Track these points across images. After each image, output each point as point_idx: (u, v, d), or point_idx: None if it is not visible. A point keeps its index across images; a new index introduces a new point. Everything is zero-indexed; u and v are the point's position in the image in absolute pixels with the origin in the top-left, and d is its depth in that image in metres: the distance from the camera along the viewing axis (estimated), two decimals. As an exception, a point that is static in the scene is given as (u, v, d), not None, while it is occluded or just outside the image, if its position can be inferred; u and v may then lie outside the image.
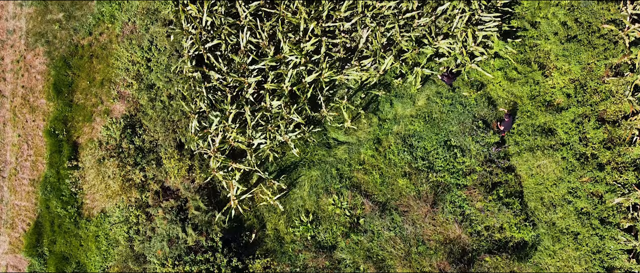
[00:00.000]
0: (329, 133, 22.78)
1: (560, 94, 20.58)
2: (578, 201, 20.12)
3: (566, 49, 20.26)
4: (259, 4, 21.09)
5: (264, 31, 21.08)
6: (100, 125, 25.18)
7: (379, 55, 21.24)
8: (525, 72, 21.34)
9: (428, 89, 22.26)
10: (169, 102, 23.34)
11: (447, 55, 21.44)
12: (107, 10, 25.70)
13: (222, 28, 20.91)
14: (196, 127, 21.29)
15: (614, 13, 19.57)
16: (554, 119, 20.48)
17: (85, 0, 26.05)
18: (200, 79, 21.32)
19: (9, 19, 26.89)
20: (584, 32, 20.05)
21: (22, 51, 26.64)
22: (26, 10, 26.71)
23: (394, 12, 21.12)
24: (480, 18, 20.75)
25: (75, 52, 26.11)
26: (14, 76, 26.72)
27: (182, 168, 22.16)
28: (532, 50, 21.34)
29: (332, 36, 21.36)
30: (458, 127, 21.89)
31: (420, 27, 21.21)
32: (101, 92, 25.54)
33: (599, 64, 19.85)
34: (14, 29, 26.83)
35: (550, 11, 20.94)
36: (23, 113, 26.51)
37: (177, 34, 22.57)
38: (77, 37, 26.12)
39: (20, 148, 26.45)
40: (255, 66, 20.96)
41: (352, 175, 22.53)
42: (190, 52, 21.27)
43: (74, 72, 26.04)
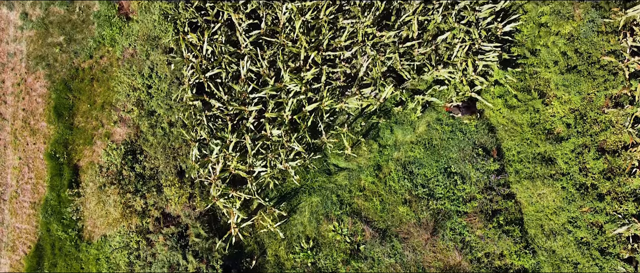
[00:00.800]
0: (329, 159, 22.81)
1: (560, 123, 20.61)
2: (578, 231, 20.16)
3: (566, 79, 20.30)
4: (260, 33, 21.11)
5: (265, 60, 21.11)
6: (100, 148, 25.21)
7: (379, 83, 21.27)
8: (525, 100, 21.37)
9: (428, 115, 22.29)
10: (170, 129, 23.36)
11: (447, 84, 21.47)
12: (108, 34, 25.72)
13: (223, 57, 20.93)
14: (197, 155, 21.33)
15: (613, 44, 19.60)
16: (554, 148, 20.52)
17: (86, 23, 26.08)
18: (201, 108, 21.35)
19: (10, 42, 26.92)
20: (583, 63, 20.08)
21: (22, 74, 26.67)
22: (27, 33, 26.74)
23: (394, 41, 21.15)
24: (480, 47, 20.78)
25: (76, 75, 26.13)
26: (15, 99, 26.75)
27: (182, 196, 22.20)
28: (532, 78, 21.37)
29: (333, 64, 21.40)
30: (458, 154, 21.93)
31: (421, 55, 21.23)
32: (102, 115, 25.57)
33: (599, 94, 19.89)
34: (14, 52, 26.86)
35: (550, 40, 20.97)
36: (24, 136, 26.53)
37: (178, 62, 22.60)
38: (78, 60, 26.15)
39: (21, 171, 26.48)
40: (256, 95, 20.99)
41: (353, 202, 22.56)
42: (190, 81, 21.30)
43: (74, 95, 26.06)
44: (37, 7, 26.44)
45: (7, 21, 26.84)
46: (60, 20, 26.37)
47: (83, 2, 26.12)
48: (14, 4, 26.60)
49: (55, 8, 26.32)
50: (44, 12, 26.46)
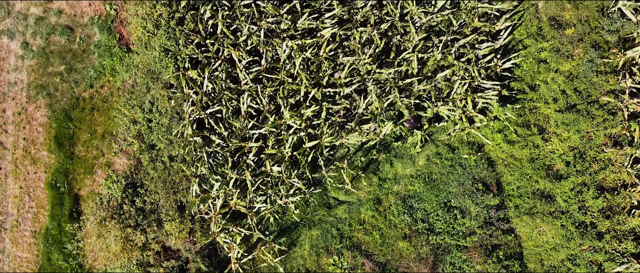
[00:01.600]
0: (329, 192, 22.86)
1: (559, 161, 20.67)
2: (577, 268, 20.21)
3: (565, 118, 20.35)
4: (260, 69, 21.17)
5: (265, 96, 21.17)
6: (101, 177, 25.28)
7: (379, 119, 21.32)
8: (524, 135, 21.43)
9: (428, 149, 22.35)
10: (170, 163, 23.43)
11: (447, 120, 21.53)
12: (108, 64, 25.77)
13: (223, 93, 21.00)
14: (197, 190, 21.40)
15: (613, 84, 19.66)
16: (553, 186, 20.57)
17: (87, 53, 26.13)
18: (201, 144, 21.42)
19: (11, 71, 26.98)
20: (583, 102, 20.15)
21: (23, 103, 26.72)
22: (28, 62, 26.79)
23: (393, 77, 21.21)
24: (480, 84, 20.83)
25: (77, 104, 26.19)
26: (16, 128, 26.81)
27: (183, 231, 22.26)
28: (532, 113, 21.43)
29: (333, 101, 21.46)
30: (458, 189, 21.99)
31: (421, 92, 21.28)
32: (102, 144, 25.63)
33: (598, 133, 19.95)
34: (15, 81, 26.91)
35: (549, 76, 21.03)
36: (25, 165, 26.60)
37: (178, 98, 22.66)
38: (79, 89, 26.20)
39: (21, 200, 26.55)
40: (256, 131, 21.05)
41: (353, 235, 22.62)
42: (191, 117, 21.36)
43: (75, 125, 26.12)
44: (37, 36, 26.49)
45: (8, 50, 26.90)
46: (61, 49, 26.42)
47: (83, 32, 26.17)
48: (15, 33, 26.66)
49: (56, 38, 26.37)
50: (44, 42, 26.52)
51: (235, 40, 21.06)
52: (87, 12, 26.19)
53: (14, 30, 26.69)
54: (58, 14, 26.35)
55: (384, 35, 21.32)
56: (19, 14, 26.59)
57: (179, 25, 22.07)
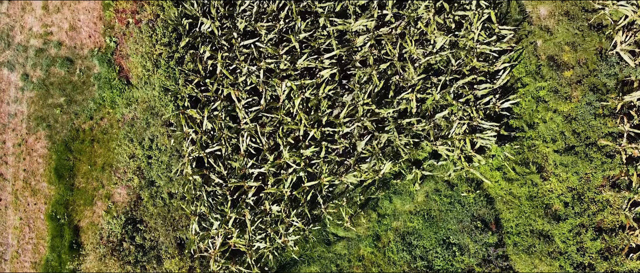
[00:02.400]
0: (328, 228, 22.92)
1: (558, 201, 20.73)
2: (576, 309, 20.31)
3: (564, 160, 20.43)
4: (259, 109, 21.24)
5: (264, 136, 21.24)
6: (101, 209, 25.35)
7: (377, 157, 21.38)
8: (523, 173, 21.50)
9: (427, 185, 22.41)
10: (170, 200, 23.50)
11: (446, 158, 21.60)
12: (108, 96, 25.84)
13: (222, 133, 21.07)
14: (196, 229, 21.46)
15: (611, 127, 19.72)
16: (552, 227, 20.64)
17: (87, 85, 26.20)
18: (201, 183, 21.48)
19: (11, 103, 27.05)
20: (581, 144, 20.22)
21: (23, 135, 26.79)
22: (28, 94, 26.85)
23: (393, 116, 21.27)
24: (478, 124, 20.89)
25: (77, 136, 26.25)
26: (16, 159, 26.88)
27: (182, 268, 22.33)
28: (531, 151, 21.50)
29: (332, 140, 21.52)
30: (457, 226, 22.06)
31: (420, 131, 21.35)
32: (102, 176, 25.69)
33: (597, 175, 20.01)
34: (15, 113, 26.98)
35: (548, 115, 21.10)
36: (25, 196, 26.67)
37: (178, 136, 22.72)
38: (78, 121, 26.26)
39: (22, 231, 26.62)
40: (255, 170, 21.12)
41: (352, 271, 22.67)
42: (190, 156, 21.43)
43: (75, 156, 26.19)
44: (38, 68, 26.56)
45: (8, 82, 26.97)
46: (60, 81, 26.49)
47: (83, 64, 26.24)
48: (15, 65, 26.73)
49: (56, 69, 26.43)
50: (44, 74, 26.58)
51: (234, 80, 21.13)
52: (87, 44, 26.26)
53: (14, 62, 26.76)
54: (58, 46, 26.42)
55: (383, 75, 21.39)
56: (19, 46, 26.67)
57: (179, 65, 22.14)
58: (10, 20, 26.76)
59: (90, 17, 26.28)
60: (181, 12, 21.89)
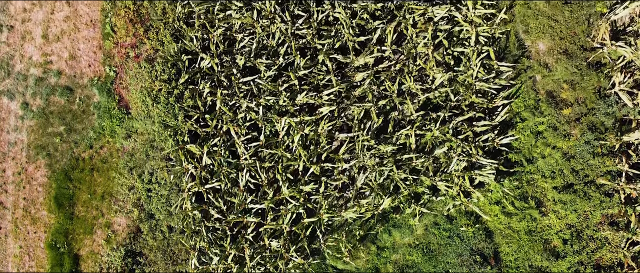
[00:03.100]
0: (328, 261, 22.95)
1: (556, 238, 20.78)
2: None
3: (563, 198, 20.48)
4: (259, 144, 21.29)
5: (263, 171, 21.28)
6: (101, 237, 25.39)
7: (376, 193, 21.42)
8: (522, 208, 21.55)
9: (426, 219, 22.44)
10: (169, 233, 23.53)
11: (444, 193, 21.64)
12: (108, 125, 25.87)
13: (222, 169, 21.12)
14: (196, 263, 21.50)
15: (609, 166, 19.77)
16: (550, 264, 20.69)
17: (86, 114, 26.24)
18: (200, 218, 21.53)
19: (11, 132, 27.08)
20: (580, 182, 20.26)
21: (23, 163, 26.83)
22: (27, 123, 26.89)
23: (392, 151, 21.30)
24: (477, 161, 20.94)
25: (76, 165, 26.28)
26: (16, 188, 26.91)
27: (182, 302, 22.36)
28: (529, 185, 21.54)
29: (331, 175, 21.56)
30: (456, 260, 22.09)
31: (419, 166, 21.39)
32: (102, 205, 25.74)
33: (595, 213, 20.06)
34: (15, 141, 27.01)
35: (547, 151, 21.15)
36: (25, 225, 26.70)
37: (177, 171, 22.76)
38: (78, 150, 26.30)
39: (21, 259, 26.65)
40: (255, 206, 21.16)
41: (351, 304, 22.72)
42: (190, 191, 21.47)
43: (74, 185, 26.22)
44: (37, 97, 26.60)
45: (8, 111, 27.00)
46: (60, 110, 26.52)
47: (83, 93, 26.28)
48: (15, 93, 26.77)
49: (56, 98, 26.47)
50: (44, 102, 26.62)
51: (234, 116, 21.17)
52: (86, 73, 26.30)
53: (14, 90, 26.80)
54: (58, 75, 26.46)
55: (382, 111, 21.44)
56: (19, 75, 26.71)
57: (178, 101, 22.18)
58: (10, 49, 26.81)
59: (90, 47, 26.32)
60: (181, 47, 21.94)
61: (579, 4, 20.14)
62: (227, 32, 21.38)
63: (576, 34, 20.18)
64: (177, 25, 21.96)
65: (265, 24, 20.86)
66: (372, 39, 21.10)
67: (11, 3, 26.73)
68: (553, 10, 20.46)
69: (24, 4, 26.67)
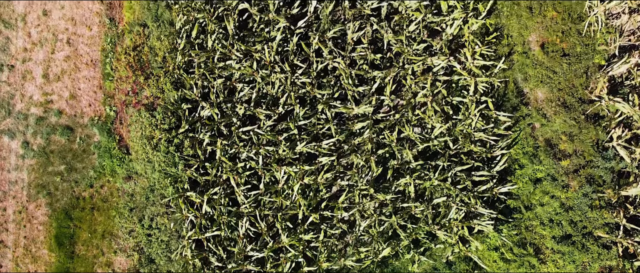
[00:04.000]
0: (327, 305, 23.04)
1: (555, 288, 20.91)
2: None
3: (561, 249, 20.58)
4: (258, 193, 21.38)
5: (263, 220, 21.37)
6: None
7: (376, 240, 21.51)
8: (520, 254, 21.63)
9: (425, 264, 22.52)
10: (170, 278, 23.63)
11: (443, 243, 21.73)
12: (108, 165, 25.97)
13: (222, 217, 21.22)
14: (196, 311, 21.61)
15: (608, 218, 19.86)
16: (549, 316, 20.83)
17: (87, 153, 26.33)
18: (200, 266, 21.62)
19: (11, 170, 27.17)
20: (578, 234, 20.35)
21: (24, 202, 26.92)
22: (28, 161, 26.99)
23: (392, 199, 21.39)
24: (476, 210, 21.03)
25: (77, 204, 26.38)
26: (16, 227, 27.01)
27: None
28: (528, 231, 21.63)
29: (331, 224, 21.65)
30: (455, 306, 22.18)
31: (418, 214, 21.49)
32: (102, 244, 25.83)
33: (594, 265, 20.15)
34: (16, 180, 27.11)
35: (545, 199, 21.24)
36: (25, 263, 26.79)
37: (177, 218, 22.86)
38: (79, 189, 26.39)
39: (22, 298, 26.73)
40: (254, 254, 21.25)
41: None
42: (190, 239, 21.56)
43: (75, 224, 26.32)
44: (38, 136, 26.68)
45: (9, 150, 27.09)
46: (61, 149, 26.61)
47: (84, 132, 26.37)
48: (15, 133, 26.86)
49: (56, 137, 26.56)
50: (45, 141, 26.71)
51: (233, 166, 21.26)
52: (87, 113, 26.39)
53: (14, 129, 26.88)
54: (58, 114, 26.55)
55: (381, 160, 21.53)
56: (19, 114, 26.80)
57: (178, 150, 22.28)
58: (11, 88, 26.90)
59: (90, 86, 26.42)
60: (181, 95, 22.03)
61: (577, 56, 20.25)
62: (227, 82, 21.48)
63: (574, 86, 20.29)
64: (178, 74, 22.06)
65: (264, 74, 20.96)
66: (371, 88, 21.19)
67: (11, 43, 26.83)
68: (551, 62, 20.56)
69: (24, 43, 26.78)
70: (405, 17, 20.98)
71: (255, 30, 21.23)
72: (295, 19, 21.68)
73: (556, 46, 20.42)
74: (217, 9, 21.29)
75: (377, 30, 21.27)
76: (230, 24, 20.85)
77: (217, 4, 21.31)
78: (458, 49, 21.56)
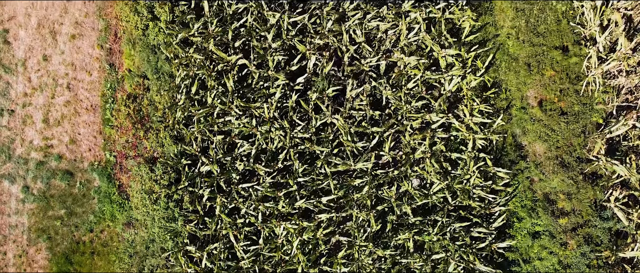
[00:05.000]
0: None
1: None
2: None
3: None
4: (258, 248, 21.46)
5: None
6: (101, 321, 25.55)
7: (375, 294, 21.60)
8: (520, 308, 21.74)
9: (424, 315, 22.63)
10: (170, 330, 23.69)
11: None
12: (108, 210, 26.05)
13: (222, 272, 21.30)
14: None
15: (605, 279, 20.02)
16: None
17: (87, 198, 26.41)
18: (200, 321, 21.73)
19: (12, 215, 27.25)
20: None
21: (24, 246, 27.00)
22: (28, 206, 27.06)
23: (392, 253, 21.46)
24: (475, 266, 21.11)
25: (77, 248, 26.46)
26: (17, 271, 27.07)
27: None
28: (527, 284, 21.75)
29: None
30: None
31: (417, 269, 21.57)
32: (102, 288, 25.91)
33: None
34: (16, 224, 27.19)
35: (543, 253, 21.32)
36: (25, 307, 26.86)
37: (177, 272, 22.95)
38: (79, 233, 26.48)
39: None
40: (255, 310, 21.36)
41: None
42: (190, 295, 21.68)
43: (75, 268, 26.39)
44: (38, 180, 26.76)
45: (9, 194, 27.17)
46: (61, 194, 26.70)
47: (83, 177, 26.45)
48: (15, 177, 26.94)
49: (56, 182, 26.64)
50: (45, 186, 26.79)
51: (233, 222, 21.35)
52: (87, 158, 26.47)
53: (15, 174, 26.96)
54: (58, 159, 26.63)
55: (381, 215, 21.62)
56: (19, 159, 26.88)
57: (178, 205, 22.36)
58: (11, 133, 26.97)
59: (90, 131, 26.50)
60: (180, 150, 22.11)
61: (575, 115, 20.34)
62: (226, 138, 21.56)
63: (572, 145, 20.38)
64: (178, 128, 22.14)
65: (264, 130, 21.04)
66: (370, 143, 21.28)
67: (11, 88, 26.91)
68: (549, 120, 20.65)
69: (25, 88, 26.85)
70: (404, 74, 21.07)
71: (254, 86, 21.32)
72: (294, 74, 21.77)
73: (554, 105, 20.50)
74: (216, 65, 21.37)
75: (376, 87, 21.36)
76: (229, 81, 20.93)
77: (216, 60, 21.40)
78: (456, 103, 21.65)
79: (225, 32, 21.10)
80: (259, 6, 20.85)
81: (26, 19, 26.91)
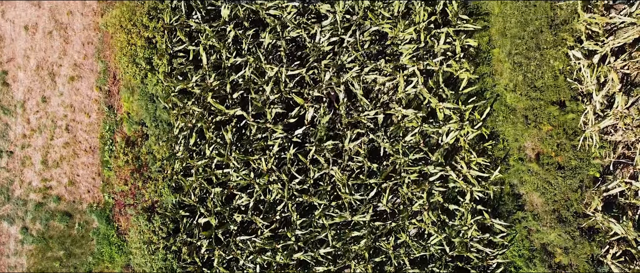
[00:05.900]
0: None
1: None
2: None
3: None
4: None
5: (261, 325, 21.53)
6: None
7: None
8: None
9: None
10: None
11: None
12: (107, 251, 26.10)
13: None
14: None
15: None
16: None
17: (85, 239, 26.46)
18: None
19: (11, 256, 27.31)
20: None
21: (23, 287, 27.05)
22: (27, 247, 27.12)
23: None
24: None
25: (76, 289, 26.50)
26: (15, 311, 27.13)
27: None
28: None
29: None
30: None
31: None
32: (101, 329, 25.95)
33: None
34: (15, 265, 27.23)
35: (541, 304, 21.41)
36: None
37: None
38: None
39: None
40: None
41: None
42: None
43: (74, 309, 26.43)
44: (37, 222, 26.83)
45: (8, 235, 27.23)
46: (60, 235, 26.76)
47: (82, 218, 26.52)
48: (14, 218, 27.00)
49: (55, 223, 26.70)
50: (44, 227, 26.85)
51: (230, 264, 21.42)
52: (85, 199, 26.53)
53: (13, 215, 27.02)
54: (57, 201, 26.69)
55: (378, 266, 21.66)
56: (18, 200, 26.94)
57: (176, 256, 22.41)
58: (10, 174, 27.04)
59: (89, 173, 26.56)
60: (178, 201, 22.15)
61: (572, 170, 20.38)
62: (224, 189, 21.60)
63: (569, 200, 20.42)
64: (176, 178, 22.18)
65: (262, 182, 21.09)
66: (368, 195, 21.32)
67: (10, 129, 26.96)
68: (547, 174, 20.70)
69: (23, 130, 26.91)
70: (401, 127, 21.12)
71: (252, 138, 21.37)
72: (291, 126, 21.82)
73: (551, 159, 20.56)
74: (215, 116, 21.42)
75: (373, 139, 21.42)
76: (227, 134, 20.98)
77: (214, 112, 21.45)
78: (454, 153, 21.70)
79: (224, 84, 21.15)
80: (257, 59, 20.91)
81: (25, 60, 26.98)
